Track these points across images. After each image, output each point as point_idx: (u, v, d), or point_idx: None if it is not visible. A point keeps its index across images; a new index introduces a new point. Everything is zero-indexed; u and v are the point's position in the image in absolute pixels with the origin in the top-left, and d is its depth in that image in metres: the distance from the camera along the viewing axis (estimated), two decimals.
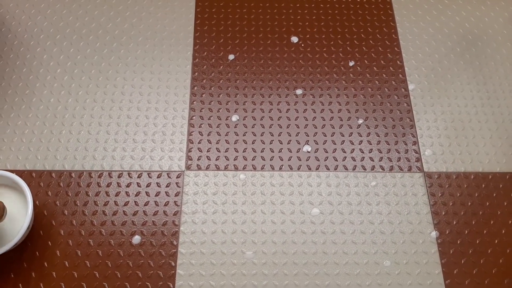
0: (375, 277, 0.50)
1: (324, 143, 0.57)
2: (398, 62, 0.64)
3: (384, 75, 0.63)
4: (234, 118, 0.59)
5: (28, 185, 0.49)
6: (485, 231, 0.53)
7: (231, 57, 0.63)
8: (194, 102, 0.60)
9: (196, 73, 0.62)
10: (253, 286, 0.49)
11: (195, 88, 0.61)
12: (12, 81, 0.60)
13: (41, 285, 0.48)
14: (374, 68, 0.63)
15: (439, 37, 0.66)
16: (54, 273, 0.49)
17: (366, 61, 0.64)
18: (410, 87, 0.62)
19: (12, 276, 0.48)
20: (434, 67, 0.64)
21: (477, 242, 0.52)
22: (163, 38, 0.64)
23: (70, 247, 0.50)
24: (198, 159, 0.56)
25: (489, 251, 0.52)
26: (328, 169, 0.56)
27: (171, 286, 0.48)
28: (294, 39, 0.65)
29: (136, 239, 0.51)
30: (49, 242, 0.50)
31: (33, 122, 0.57)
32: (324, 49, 0.64)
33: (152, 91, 0.60)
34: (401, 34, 0.66)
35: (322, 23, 0.66)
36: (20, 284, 0.48)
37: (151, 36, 0.64)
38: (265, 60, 0.63)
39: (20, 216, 0.48)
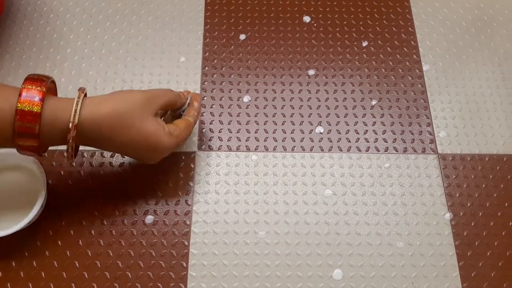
0: (388, 258, 0.50)
1: (337, 124, 0.57)
2: (412, 42, 0.63)
3: (398, 56, 0.62)
4: (246, 99, 0.58)
5: (41, 165, 0.48)
6: (499, 213, 0.52)
7: (242, 37, 0.62)
8: (205, 83, 0.59)
9: (207, 53, 0.61)
10: (266, 266, 0.49)
11: (206, 68, 0.60)
12: (22, 61, 0.59)
13: (55, 263, 0.48)
14: (388, 48, 0.62)
15: (454, 17, 0.65)
16: (68, 251, 0.49)
17: (379, 41, 0.62)
18: (425, 68, 0.61)
19: (27, 254, 0.49)
20: (449, 48, 0.63)
21: (491, 224, 0.52)
22: (173, 17, 0.63)
23: (83, 226, 0.50)
24: (210, 140, 0.56)
25: (503, 233, 0.51)
26: (341, 150, 0.55)
27: (184, 264, 0.49)
28: (307, 19, 0.64)
29: (149, 218, 0.51)
30: (63, 222, 0.50)
31: None
32: (337, 29, 0.63)
33: (162, 71, 0.59)
34: (415, 14, 0.65)
35: (335, 3, 0.65)
36: (34, 262, 0.48)
37: (161, 15, 0.63)
38: (277, 40, 0.62)
39: (33, 195, 0.48)
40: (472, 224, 0.52)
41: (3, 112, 0.39)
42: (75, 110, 0.40)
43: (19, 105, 0.38)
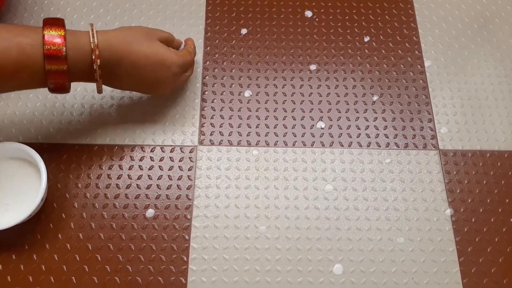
0: (389, 254, 0.50)
1: (338, 120, 0.57)
2: (414, 38, 0.62)
3: (400, 51, 0.61)
4: (247, 93, 0.58)
5: (41, 158, 0.48)
6: (500, 210, 0.52)
7: (243, 31, 0.62)
8: (206, 77, 0.59)
9: (208, 48, 0.61)
10: (266, 260, 0.49)
11: (207, 62, 0.60)
12: None
13: (55, 256, 0.49)
14: (390, 44, 0.62)
15: (456, 13, 0.65)
16: (68, 245, 0.49)
17: (381, 37, 0.62)
18: (426, 63, 0.61)
19: (27, 247, 0.49)
20: (451, 43, 0.62)
21: (492, 220, 0.52)
22: (174, 11, 0.63)
23: (84, 220, 0.50)
24: (211, 134, 0.56)
25: (504, 229, 0.51)
26: (342, 145, 0.55)
27: (185, 258, 0.49)
28: (308, 14, 0.64)
29: (150, 212, 0.51)
30: (63, 215, 0.50)
31: (45, 95, 0.56)
32: (339, 24, 0.63)
33: None
34: (418, 9, 0.64)
35: None
36: (35, 255, 0.48)
37: (162, 9, 0.63)
38: (278, 35, 0.62)
39: (34, 188, 0.48)
40: (473, 220, 0.52)
41: (32, 39, 0.42)
42: (92, 34, 0.44)
43: (45, 31, 0.42)
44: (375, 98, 0.58)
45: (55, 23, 0.43)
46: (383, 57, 0.61)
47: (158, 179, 0.53)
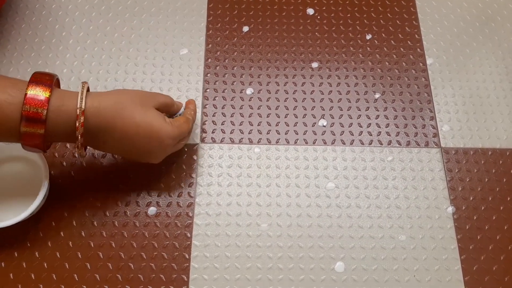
0: (390, 251, 0.50)
1: (340, 117, 0.57)
2: (416, 36, 0.62)
3: (402, 49, 0.61)
4: (249, 91, 0.58)
5: (43, 155, 0.48)
6: (501, 207, 0.52)
7: (245, 29, 0.62)
8: (208, 75, 0.59)
9: (210, 45, 0.61)
10: (268, 258, 0.49)
11: (209, 60, 0.60)
12: (24, 51, 0.59)
13: (57, 254, 0.48)
14: (392, 41, 0.62)
15: (458, 11, 0.65)
16: (70, 242, 0.49)
17: (383, 35, 0.62)
18: (428, 61, 0.61)
19: (29, 245, 0.49)
20: (453, 41, 0.62)
21: (494, 218, 0.52)
22: (176, 8, 0.63)
23: (86, 217, 0.50)
24: (213, 132, 0.55)
25: (506, 227, 0.52)
26: (344, 143, 0.55)
27: (187, 256, 0.49)
28: (310, 11, 0.63)
29: (152, 210, 0.51)
30: (65, 213, 0.50)
31: None
32: (341, 22, 0.63)
33: (165, 62, 0.59)
34: (420, 7, 0.64)
35: None
36: (37, 252, 0.48)
37: (164, 6, 0.63)
38: (280, 32, 0.62)
39: (36, 186, 0.48)
40: (475, 218, 0.52)
41: (13, 97, 0.39)
42: (81, 98, 0.41)
43: (29, 90, 0.39)
44: (377, 95, 0.58)
45: (42, 81, 0.40)
46: (385, 54, 0.61)
47: (160, 176, 0.52)
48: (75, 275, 0.47)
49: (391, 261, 0.49)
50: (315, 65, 0.60)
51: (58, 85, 0.45)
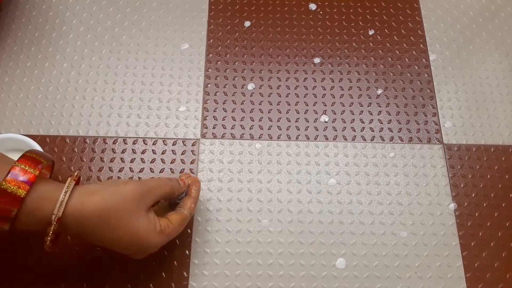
0: (392, 248, 0.49)
1: (342, 113, 0.56)
2: (419, 31, 0.62)
3: (405, 45, 0.61)
4: (250, 86, 0.58)
5: (43, 150, 0.48)
6: (503, 204, 0.52)
7: (247, 24, 0.62)
8: (209, 70, 0.59)
9: (211, 40, 0.60)
10: (268, 254, 0.49)
11: (210, 55, 0.59)
12: (24, 45, 0.59)
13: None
14: (395, 37, 0.61)
15: (461, 7, 0.64)
16: (69, 238, 0.49)
17: (386, 30, 0.62)
18: (431, 57, 0.60)
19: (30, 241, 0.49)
20: (456, 37, 0.62)
21: (496, 215, 0.52)
22: (177, 4, 0.62)
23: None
24: (214, 128, 0.55)
25: (507, 224, 0.51)
26: (345, 139, 0.55)
27: (187, 252, 0.48)
28: (312, 6, 0.63)
29: None
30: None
31: (47, 87, 0.56)
32: (343, 17, 0.62)
33: (166, 57, 0.59)
34: (423, 3, 0.64)
35: None
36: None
37: (165, 1, 0.62)
38: (282, 28, 0.61)
39: None
40: (476, 214, 0.51)
41: None
42: (61, 203, 0.36)
43: (3, 183, 0.35)
44: (379, 91, 0.58)
45: (24, 173, 0.35)
46: (388, 50, 0.60)
47: (160, 172, 0.52)
48: (82, 266, 0.47)
49: (393, 258, 0.49)
50: (317, 60, 0.59)
51: (52, 167, 0.43)
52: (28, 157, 0.37)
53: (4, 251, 0.47)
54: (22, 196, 0.35)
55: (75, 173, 0.40)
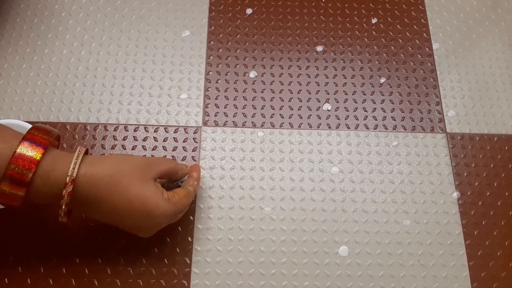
0: (395, 236, 0.49)
1: (345, 102, 0.56)
2: (423, 20, 0.61)
3: (408, 34, 0.60)
4: (252, 74, 0.57)
5: None
6: (506, 193, 0.52)
7: (248, 11, 0.61)
8: (211, 57, 0.58)
9: (213, 27, 0.60)
10: (271, 241, 0.48)
11: (212, 42, 0.59)
12: (23, 32, 0.58)
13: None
14: (398, 26, 0.61)
15: None
16: (70, 224, 0.48)
17: (389, 19, 0.61)
18: (434, 46, 0.60)
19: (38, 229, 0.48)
20: (459, 26, 0.62)
21: (499, 204, 0.51)
22: None
23: None
24: (215, 115, 0.55)
25: (511, 213, 0.51)
26: (348, 128, 0.55)
27: (189, 239, 0.48)
28: None
29: None
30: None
31: (46, 74, 0.55)
32: (346, 5, 0.62)
33: (167, 44, 0.58)
34: None
35: None
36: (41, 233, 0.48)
37: None
38: (284, 15, 0.61)
39: None
40: (480, 203, 0.51)
41: (1, 151, 0.35)
42: (75, 163, 0.37)
43: (20, 147, 0.36)
44: (382, 80, 0.57)
45: (37, 139, 0.37)
46: (391, 39, 0.60)
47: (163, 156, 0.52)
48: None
49: (396, 246, 0.49)
50: (319, 48, 0.59)
51: (58, 144, 0.42)
52: (40, 126, 0.39)
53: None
54: (37, 158, 0.36)
55: (82, 146, 0.40)
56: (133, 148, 0.52)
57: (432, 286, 0.47)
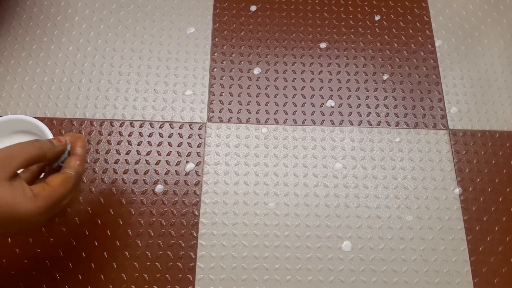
0: (397, 231, 0.50)
1: (348, 98, 0.56)
2: (425, 17, 0.62)
3: (411, 31, 0.61)
4: (256, 71, 0.58)
5: (50, 131, 0.48)
6: (508, 190, 0.53)
7: (253, 8, 0.61)
8: (215, 54, 0.58)
9: (217, 24, 0.60)
10: (275, 236, 0.49)
11: (216, 39, 0.59)
12: (29, 28, 0.58)
13: (64, 230, 0.48)
14: (400, 23, 0.61)
15: None
16: (77, 219, 0.49)
17: (392, 16, 0.62)
18: (437, 43, 0.60)
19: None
20: (462, 24, 0.62)
21: (500, 200, 0.52)
22: None
23: (92, 194, 0.50)
24: (220, 112, 0.55)
25: None
26: (352, 124, 0.55)
27: (194, 234, 0.49)
28: None
29: (159, 188, 0.50)
30: None
31: (52, 70, 0.56)
32: (349, 2, 0.62)
33: (172, 41, 0.58)
34: None
35: None
36: (44, 228, 0.48)
37: None
38: (288, 12, 0.61)
39: None
40: (481, 199, 0.52)
41: None
42: None
43: None
44: (385, 77, 0.58)
45: None
46: (394, 36, 0.60)
47: (167, 155, 0.52)
48: (83, 252, 0.47)
49: (398, 241, 0.49)
50: (323, 45, 0.59)
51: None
52: None
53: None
54: None
55: None
56: (138, 144, 0.53)
57: (434, 281, 0.48)
